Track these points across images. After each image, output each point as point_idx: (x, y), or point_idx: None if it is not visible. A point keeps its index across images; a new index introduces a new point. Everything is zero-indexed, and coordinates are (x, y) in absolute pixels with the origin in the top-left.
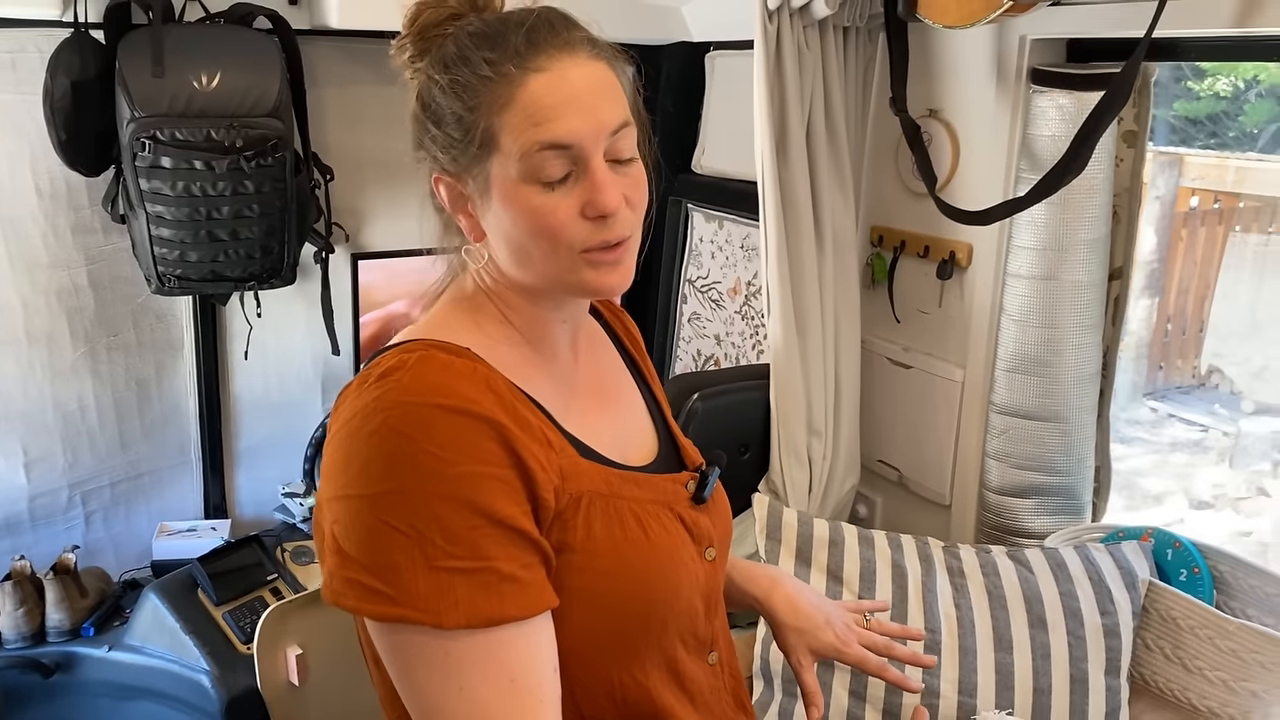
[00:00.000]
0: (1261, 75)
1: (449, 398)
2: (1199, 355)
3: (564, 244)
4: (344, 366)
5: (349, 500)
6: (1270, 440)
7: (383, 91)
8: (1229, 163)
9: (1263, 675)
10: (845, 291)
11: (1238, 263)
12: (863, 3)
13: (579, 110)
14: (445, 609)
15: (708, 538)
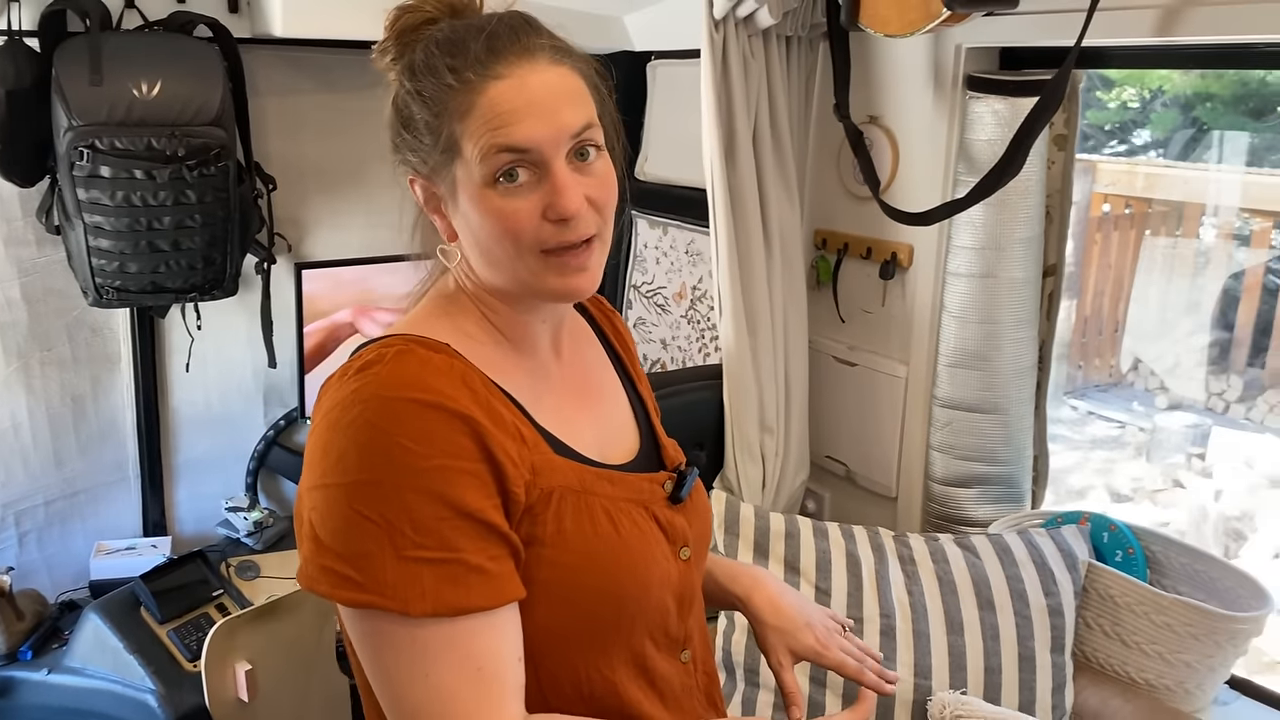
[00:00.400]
0: (1166, 86)
1: (424, 392)
2: (1115, 354)
3: (526, 246)
4: (286, 377)
5: (325, 489)
6: (1184, 434)
7: (325, 100)
8: (1139, 169)
9: (1195, 646)
10: (793, 293)
11: (1149, 265)
12: (804, 13)
13: (537, 115)
14: (412, 597)
15: (683, 537)
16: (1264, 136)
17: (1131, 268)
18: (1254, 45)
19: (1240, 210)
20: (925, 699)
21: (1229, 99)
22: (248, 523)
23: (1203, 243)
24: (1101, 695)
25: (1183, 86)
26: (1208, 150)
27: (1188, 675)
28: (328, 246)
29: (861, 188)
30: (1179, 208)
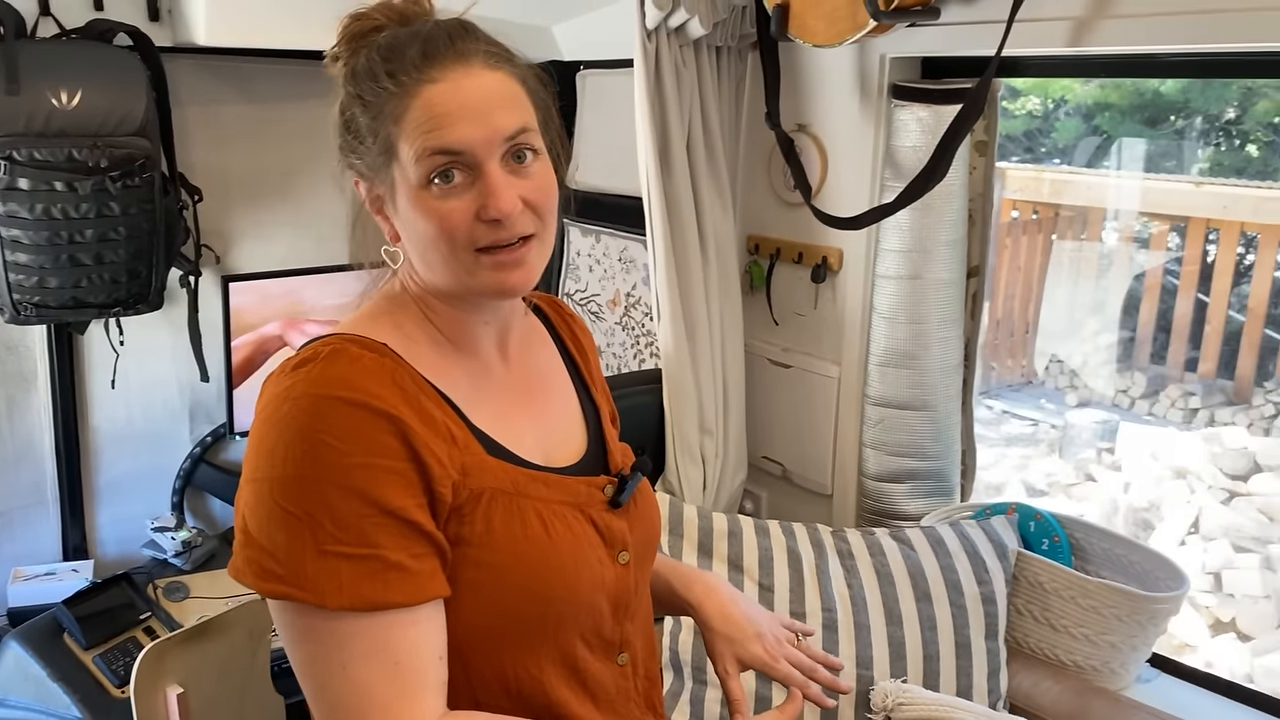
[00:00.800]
0: (1069, 96)
1: (351, 391)
2: (1027, 355)
3: (460, 245)
4: (213, 393)
5: (255, 483)
6: (1093, 430)
7: (249, 111)
8: (1045, 176)
9: (1119, 627)
10: (728, 297)
11: (1056, 268)
12: (733, 24)
13: (470, 118)
14: (329, 590)
15: (621, 542)
16: (1159, 144)
17: (1040, 271)
18: (1157, 55)
19: (1140, 214)
20: (868, 689)
21: (1126, 108)
22: (175, 543)
23: (1106, 246)
24: (1034, 678)
25: (1084, 96)
26: (1108, 157)
27: (1113, 655)
28: (254, 258)
29: (792, 194)
30: (1083, 213)
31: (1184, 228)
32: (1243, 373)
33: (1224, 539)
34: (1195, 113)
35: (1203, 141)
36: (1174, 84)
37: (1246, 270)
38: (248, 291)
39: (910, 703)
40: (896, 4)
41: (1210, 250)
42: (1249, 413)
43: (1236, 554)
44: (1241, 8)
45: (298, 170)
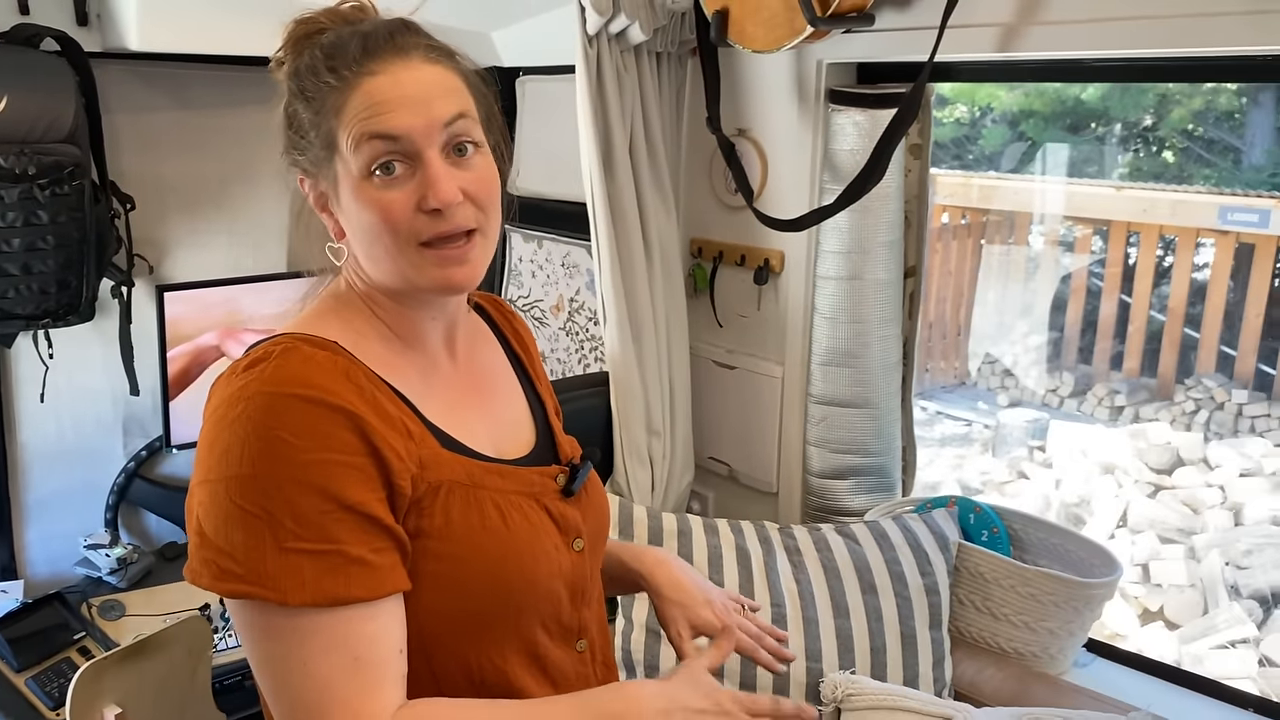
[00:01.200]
0: (994, 103)
1: (307, 388)
2: (959, 357)
3: (403, 238)
4: (148, 406)
5: (210, 484)
6: (1025, 429)
7: (182, 117)
8: (973, 181)
9: (1056, 613)
10: (673, 300)
11: (986, 271)
12: (673, 30)
13: (408, 106)
14: (291, 587)
15: (576, 529)
16: (1081, 149)
17: (971, 274)
18: (1082, 61)
19: (1064, 218)
20: (818, 681)
21: (1049, 115)
22: (110, 560)
23: (1033, 249)
24: (977, 665)
25: (1009, 104)
26: (1034, 163)
27: (1051, 641)
28: (189, 268)
29: (733, 197)
30: (1010, 217)
31: (1106, 231)
32: (1165, 370)
33: (1150, 531)
34: (1115, 120)
35: (1122, 147)
36: (1095, 92)
37: (1166, 271)
38: (183, 301)
39: (859, 693)
40: (833, 10)
41: (1132, 253)
42: (1171, 409)
43: (1162, 545)
44: (1160, 14)
45: (234, 178)
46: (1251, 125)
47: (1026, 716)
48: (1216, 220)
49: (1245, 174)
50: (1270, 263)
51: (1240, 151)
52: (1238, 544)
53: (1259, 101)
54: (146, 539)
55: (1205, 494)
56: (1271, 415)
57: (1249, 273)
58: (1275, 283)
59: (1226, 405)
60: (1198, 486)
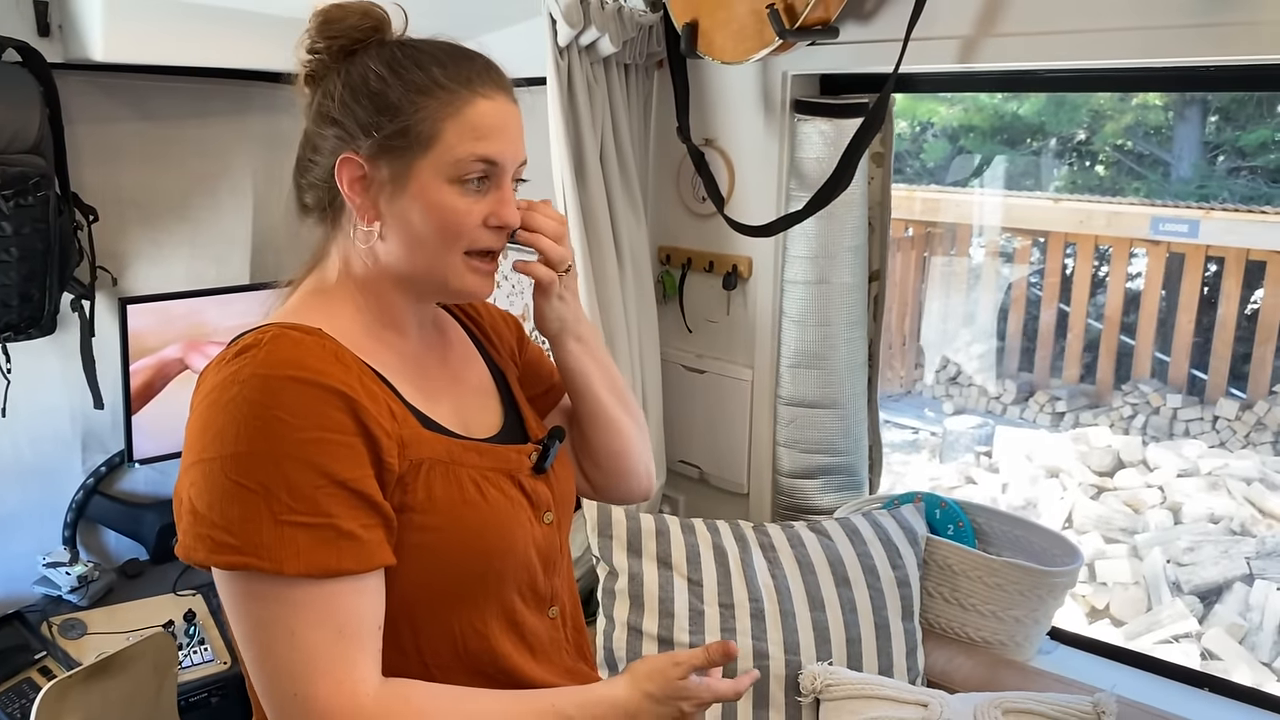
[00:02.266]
0: (934, 118)
1: (300, 370)
2: (906, 365)
3: (462, 243)
4: (107, 421)
5: (204, 463)
6: (971, 435)
7: (143, 129)
8: (916, 194)
9: (1022, 602)
10: (644, 307)
11: (930, 282)
12: (641, 43)
13: (508, 137)
14: (287, 557)
15: (546, 503)
16: (1019, 163)
17: (916, 285)
18: (1039, 71)
19: (1004, 230)
20: (796, 672)
21: (988, 129)
22: (70, 578)
23: (974, 261)
24: (947, 654)
25: (949, 119)
26: (974, 176)
27: (1017, 629)
28: (152, 280)
29: (701, 205)
30: (952, 229)
31: (1044, 242)
32: (1103, 376)
33: (1095, 531)
34: (1050, 134)
35: (1058, 161)
36: (1031, 107)
37: (1102, 281)
38: (146, 314)
39: (837, 683)
40: (800, 23)
41: (1069, 263)
42: (1110, 413)
43: (1107, 544)
44: (1114, 27)
45: (196, 190)
46: (1179, 139)
47: (997, 701)
48: (1149, 231)
49: (1174, 186)
50: (1199, 272)
51: (1169, 165)
52: (1178, 542)
53: (1185, 117)
54: (107, 556)
55: (1146, 494)
56: (1204, 418)
57: (1180, 281)
58: (1204, 291)
59: (1162, 409)
60: (1138, 487)
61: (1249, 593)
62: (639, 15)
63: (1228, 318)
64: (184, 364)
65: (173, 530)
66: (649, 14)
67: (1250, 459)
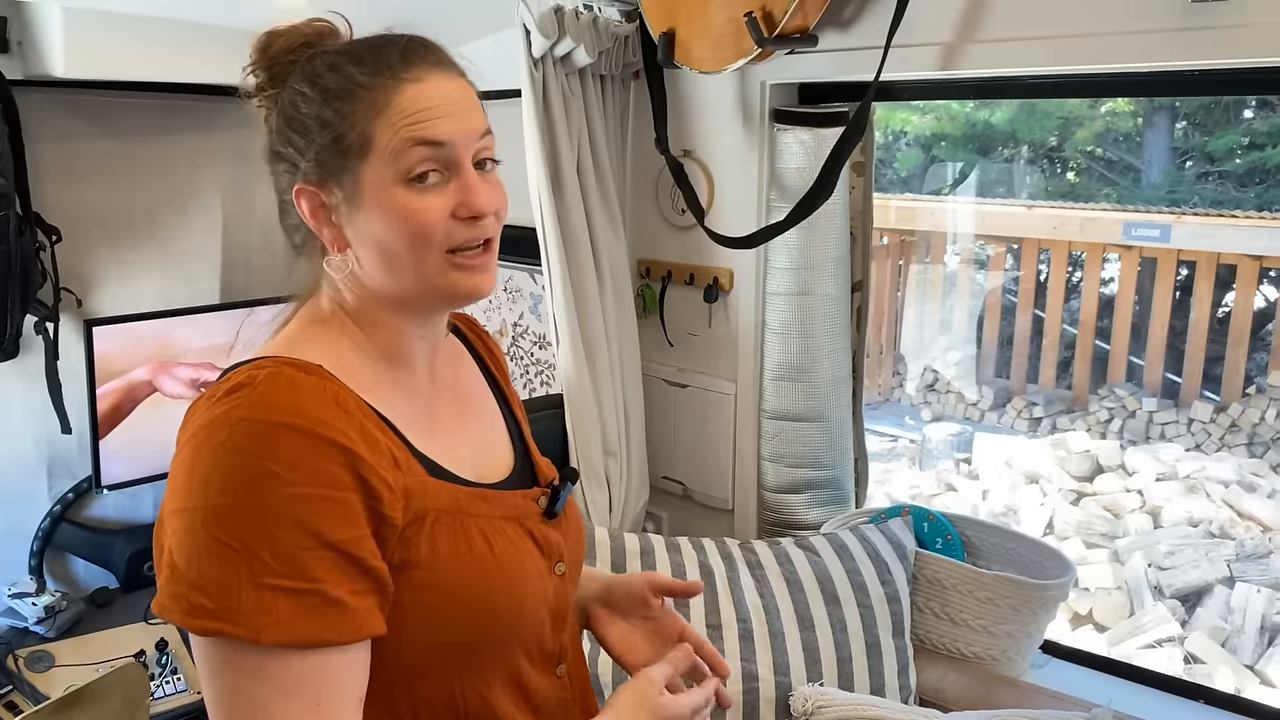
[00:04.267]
0: (907, 127)
1: (296, 416)
2: (883, 373)
3: (435, 244)
4: (74, 446)
5: (185, 513)
6: (950, 442)
7: (108, 147)
8: (891, 203)
9: (1014, 616)
10: (624, 321)
11: (906, 290)
12: (617, 53)
13: (452, 115)
14: (266, 625)
15: (558, 552)
16: (992, 170)
17: (893, 294)
18: (1016, 77)
19: (978, 237)
20: (787, 694)
21: (960, 138)
22: (37, 609)
23: (949, 268)
24: (939, 671)
25: (921, 128)
26: (947, 185)
27: (1009, 644)
28: (118, 301)
29: (680, 217)
30: (927, 237)
31: (1018, 249)
32: (1079, 381)
33: (1076, 537)
34: (1022, 142)
35: (1030, 168)
36: (1003, 115)
37: (1076, 286)
38: (113, 335)
39: (829, 704)
40: (778, 31)
41: (1043, 269)
42: (1087, 418)
43: (1088, 550)
44: (1093, 32)
45: (163, 208)
46: (1149, 145)
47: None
48: (1121, 236)
49: (1145, 191)
50: (1172, 276)
51: (1139, 170)
52: (1158, 546)
53: (1154, 123)
54: (75, 586)
55: (1125, 499)
56: (1180, 421)
57: (1153, 286)
58: (1177, 295)
59: (1138, 413)
60: (1117, 492)
61: (1230, 595)
62: (614, 25)
63: (1200, 321)
64: (153, 386)
65: (144, 556)
66: (625, 24)
67: (1227, 461)
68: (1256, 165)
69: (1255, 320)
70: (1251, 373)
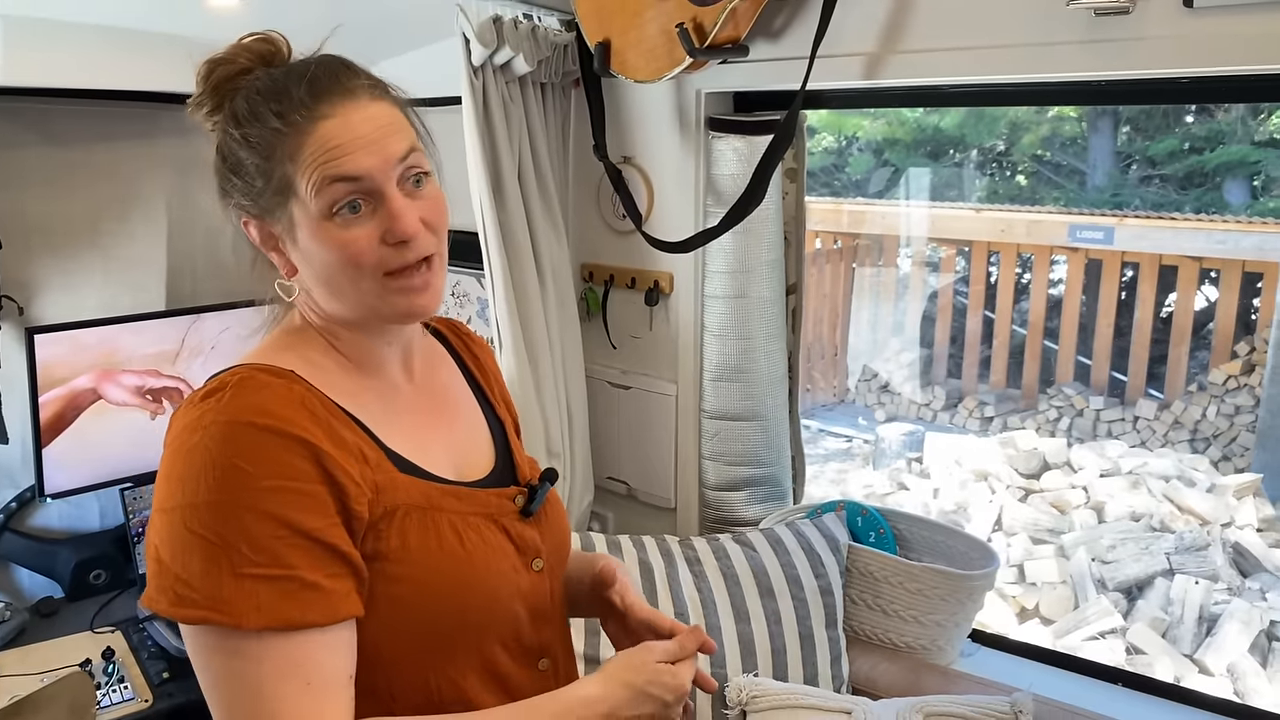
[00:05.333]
0: (859, 132)
1: (262, 416)
2: (837, 376)
3: (368, 271)
4: (16, 455)
5: (168, 512)
6: (902, 442)
7: (49, 153)
8: (843, 207)
9: (943, 606)
10: (567, 324)
11: (859, 293)
12: (556, 62)
13: (365, 147)
14: (247, 611)
15: (535, 549)
16: (942, 174)
17: (845, 296)
18: (940, 87)
19: (929, 240)
20: (723, 685)
21: (910, 143)
22: None
23: (901, 271)
24: (871, 661)
25: (873, 133)
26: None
27: (939, 633)
28: (61, 309)
29: (621, 222)
30: (879, 240)
31: (969, 251)
32: (1028, 381)
33: (1023, 533)
34: (971, 146)
35: (979, 172)
36: (952, 119)
37: (1025, 287)
38: (56, 343)
39: (763, 694)
40: (710, 42)
41: (993, 271)
42: (1036, 417)
43: (1035, 545)
44: (1008, 44)
45: (106, 214)
46: (1093, 150)
47: (919, 706)
48: (1067, 238)
49: (1089, 194)
50: (1117, 277)
51: (1084, 174)
52: (1102, 540)
53: (1098, 128)
54: (18, 595)
55: (1071, 495)
56: (1125, 419)
57: (1098, 286)
58: (1122, 295)
59: (1085, 411)
60: (1064, 488)
61: (1169, 587)
62: (554, 34)
63: (1144, 321)
64: (97, 394)
65: (89, 565)
66: (564, 33)
67: (1168, 457)
68: (1195, 169)
69: (1196, 320)
70: (1193, 370)
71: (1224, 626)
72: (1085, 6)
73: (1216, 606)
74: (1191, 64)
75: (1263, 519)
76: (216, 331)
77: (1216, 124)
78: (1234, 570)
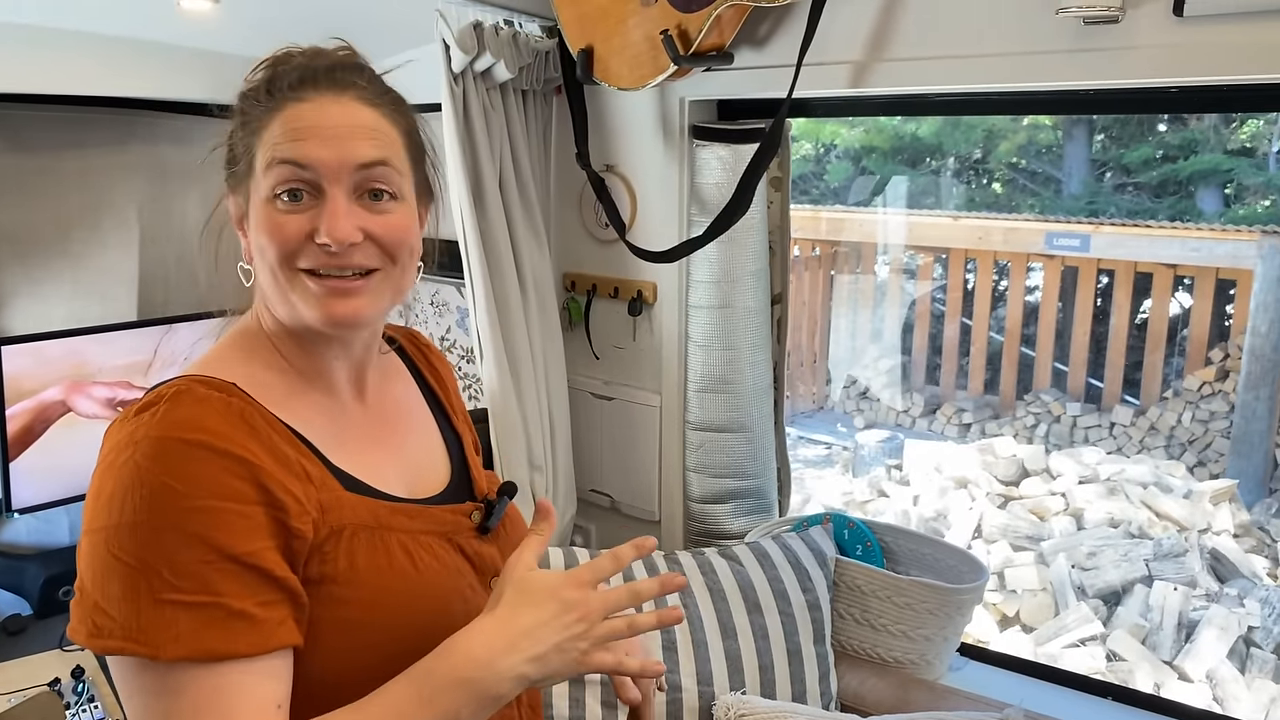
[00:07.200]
0: (837, 140)
1: (198, 432)
2: (817, 382)
3: (283, 259)
4: None
5: (92, 534)
6: (882, 449)
7: (17, 161)
8: (822, 215)
9: (931, 620)
10: (549, 334)
11: (838, 300)
12: (538, 69)
13: (325, 139)
14: (165, 641)
15: (493, 568)
16: (919, 182)
17: (824, 304)
18: (925, 95)
19: (907, 247)
20: (710, 704)
21: (888, 150)
22: None
23: (879, 278)
24: (859, 677)
25: (851, 141)
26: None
27: (928, 648)
28: (29, 319)
29: (604, 231)
30: (858, 248)
31: (946, 259)
32: (1006, 388)
33: (1003, 540)
34: (948, 154)
35: (956, 180)
36: (929, 128)
37: (1002, 295)
38: (23, 355)
39: (751, 712)
40: (694, 49)
41: (970, 278)
42: (1014, 423)
43: (1015, 552)
44: (994, 53)
45: (75, 223)
46: (1069, 158)
47: None
48: (1044, 245)
49: (1065, 202)
50: (1093, 284)
51: (1060, 182)
52: (1081, 547)
53: (1074, 136)
54: None
55: (1050, 501)
56: (1102, 425)
57: (1075, 293)
58: (1098, 302)
59: (1063, 418)
60: (1042, 495)
61: (1148, 594)
62: (535, 41)
63: (1120, 328)
64: (66, 406)
65: (59, 581)
66: (545, 39)
67: (1145, 463)
68: (1169, 177)
69: (1171, 326)
70: (1168, 376)
71: (1202, 633)
72: (1074, 15)
73: (1195, 613)
74: (1182, 73)
75: (1239, 524)
76: (190, 342)
77: (1190, 132)
78: (1211, 576)
